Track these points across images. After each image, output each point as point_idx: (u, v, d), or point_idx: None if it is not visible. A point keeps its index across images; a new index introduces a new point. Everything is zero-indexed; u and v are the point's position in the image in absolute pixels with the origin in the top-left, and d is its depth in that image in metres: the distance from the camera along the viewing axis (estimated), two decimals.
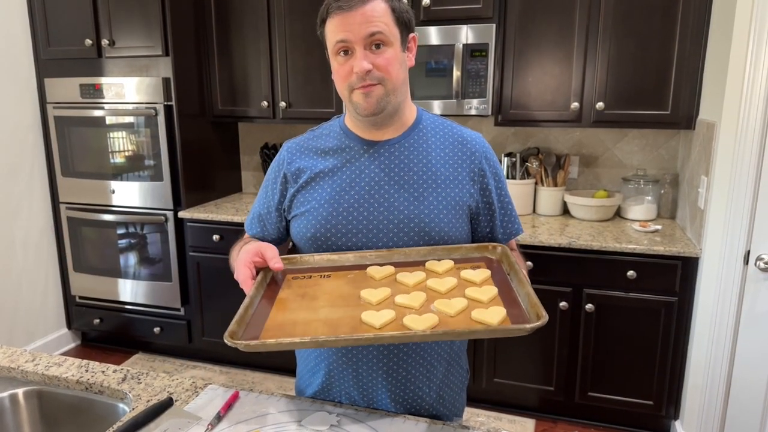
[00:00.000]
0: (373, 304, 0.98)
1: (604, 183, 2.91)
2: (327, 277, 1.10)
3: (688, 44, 2.37)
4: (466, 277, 1.06)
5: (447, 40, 2.57)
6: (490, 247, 1.16)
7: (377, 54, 1.07)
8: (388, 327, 0.91)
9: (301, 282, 1.09)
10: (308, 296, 1.03)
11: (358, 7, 1.05)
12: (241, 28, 2.92)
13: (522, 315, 0.93)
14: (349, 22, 1.05)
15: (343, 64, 1.09)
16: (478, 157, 1.19)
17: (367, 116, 1.12)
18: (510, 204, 1.25)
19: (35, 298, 3.22)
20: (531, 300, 0.94)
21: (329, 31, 1.09)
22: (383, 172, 1.16)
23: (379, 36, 1.06)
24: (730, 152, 2.05)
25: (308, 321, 0.95)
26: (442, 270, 1.09)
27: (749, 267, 2.08)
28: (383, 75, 1.08)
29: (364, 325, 0.92)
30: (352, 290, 1.04)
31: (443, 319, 0.93)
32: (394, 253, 1.12)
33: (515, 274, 1.05)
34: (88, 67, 3.14)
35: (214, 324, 3.04)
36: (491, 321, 0.90)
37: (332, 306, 0.99)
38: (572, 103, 2.54)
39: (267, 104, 2.96)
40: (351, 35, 1.05)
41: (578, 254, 2.37)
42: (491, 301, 0.98)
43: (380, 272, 1.09)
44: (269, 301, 1.03)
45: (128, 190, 3.04)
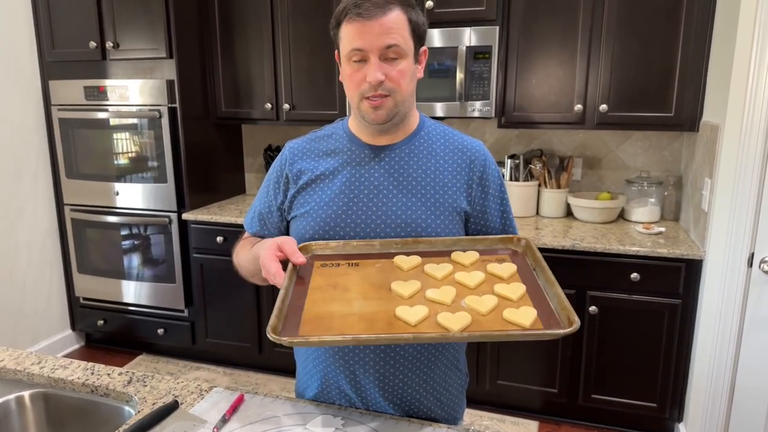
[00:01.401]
0: (405, 298, 0.99)
1: (608, 185, 2.91)
2: (355, 265, 1.10)
3: (691, 46, 2.37)
4: (492, 271, 1.07)
5: (450, 43, 2.58)
6: (515, 239, 1.17)
7: (391, 65, 1.08)
8: (422, 324, 0.92)
9: (331, 270, 1.09)
10: (340, 287, 1.04)
11: (377, 17, 1.05)
12: (245, 30, 2.93)
13: (552, 316, 0.94)
14: (367, 31, 1.05)
15: (356, 71, 1.09)
16: (478, 165, 1.20)
17: (375, 126, 1.14)
18: (510, 213, 1.27)
19: (39, 299, 3.23)
20: (561, 303, 0.94)
21: (345, 36, 1.09)
22: (383, 177, 1.17)
23: (395, 49, 1.07)
24: (734, 154, 2.05)
25: (344, 314, 0.95)
26: (468, 262, 1.10)
27: (753, 269, 2.07)
28: (394, 87, 1.09)
29: (399, 320, 0.93)
30: (381, 281, 1.05)
31: (475, 317, 0.93)
32: (419, 242, 1.13)
33: (542, 271, 1.05)
34: (92, 70, 3.15)
35: (218, 325, 3.04)
36: (524, 323, 0.91)
37: (365, 298, 1.00)
38: (575, 105, 2.54)
39: (270, 106, 2.96)
40: (367, 44, 1.06)
41: (581, 256, 2.37)
42: (520, 299, 0.99)
43: (408, 262, 1.09)
44: (302, 291, 1.03)
45: (132, 191, 3.05)
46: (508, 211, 1.26)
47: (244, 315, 2.96)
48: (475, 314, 0.94)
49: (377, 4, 1.05)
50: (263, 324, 2.93)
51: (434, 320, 0.93)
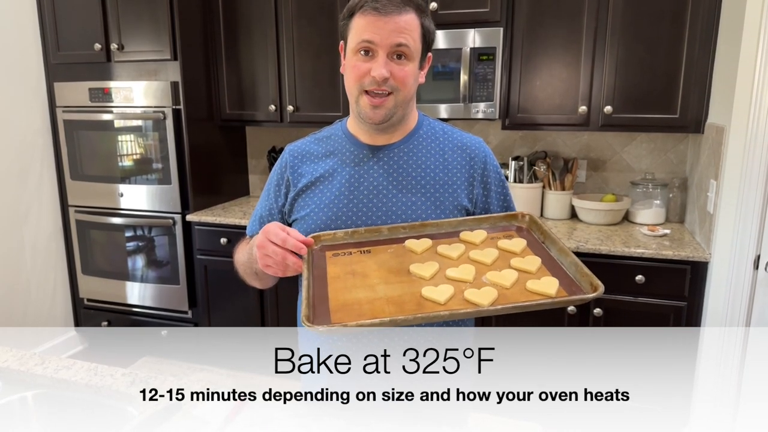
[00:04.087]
0: (427, 279, 0.99)
1: (612, 187, 2.90)
2: (367, 252, 1.10)
3: (696, 48, 2.36)
4: (503, 247, 1.07)
5: (454, 44, 2.57)
6: (519, 216, 1.17)
7: (397, 65, 1.09)
8: (450, 302, 0.93)
9: (345, 259, 1.08)
10: (359, 274, 1.03)
11: (393, 14, 1.06)
12: (249, 32, 2.94)
13: (573, 284, 0.95)
14: (381, 26, 1.06)
15: (361, 62, 1.09)
16: (478, 161, 1.21)
17: (371, 125, 1.14)
18: (512, 206, 1.27)
19: (44, 300, 3.24)
20: (581, 270, 0.95)
21: (356, 27, 1.09)
22: (382, 176, 1.17)
23: (404, 49, 1.08)
24: (739, 156, 2.04)
25: (371, 300, 0.95)
26: (478, 240, 1.10)
27: (759, 272, 2.06)
28: (398, 86, 1.10)
29: (427, 301, 0.94)
30: (398, 265, 1.04)
31: (500, 291, 0.94)
32: (426, 225, 1.13)
33: (553, 243, 1.06)
34: (97, 72, 3.16)
35: (222, 327, 3.04)
36: (550, 291, 0.92)
37: (387, 283, 0.99)
38: (580, 107, 2.53)
39: (274, 108, 2.97)
40: (378, 39, 1.06)
41: (586, 258, 2.36)
42: (538, 270, 0.99)
43: (420, 245, 1.09)
44: (322, 282, 1.02)
45: (136, 193, 3.05)
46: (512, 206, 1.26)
47: (248, 317, 2.96)
48: (499, 288, 0.95)
49: (395, 3, 1.06)
50: (267, 325, 2.93)
51: (462, 298, 0.93)
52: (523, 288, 0.95)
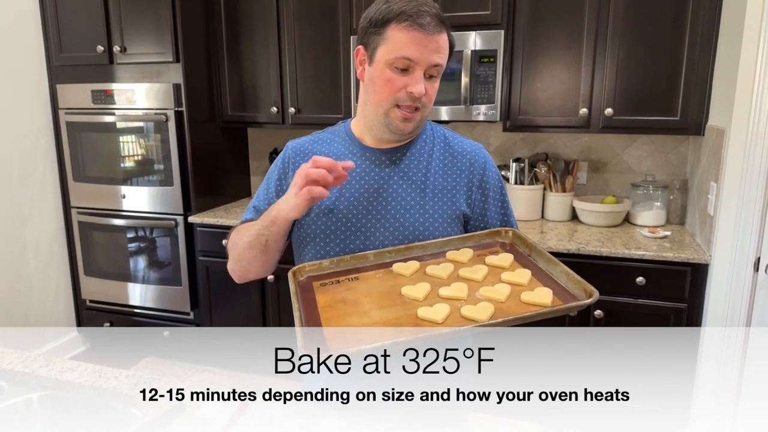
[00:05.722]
0: (421, 300, 0.99)
1: (613, 189, 2.91)
2: (355, 279, 1.09)
3: (697, 50, 2.36)
4: (491, 263, 1.08)
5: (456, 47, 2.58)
6: (502, 232, 1.18)
7: (430, 82, 1.11)
8: (448, 320, 0.92)
9: (333, 288, 1.07)
10: (349, 301, 1.01)
11: (435, 33, 1.07)
12: (251, 34, 2.95)
13: (565, 292, 0.95)
14: (425, 44, 1.06)
15: (397, 77, 1.09)
16: (478, 168, 1.22)
17: (398, 135, 1.16)
18: (511, 215, 1.27)
19: (46, 301, 3.25)
20: (572, 278, 0.96)
21: (395, 39, 1.07)
22: (383, 180, 1.18)
23: (438, 68, 1.11)
24: (739, 158, 2.05)
25: (368, 325, 0.94)
26: (466, 259, 1.10)
27: (759, 274, 2.07)
28: (427, 102, 1.12)
29: (424, 321, 0.93)
30: (389, 289, 1.04)
31: (496, 305, 0.94)
32: (411, 248, 1.13)
33: (540, 255, 1.06)
34: (99, 74, 3.17)
35: (224, 327, 3.05)
36: (545, 301, 0.92)
37: (380, 307, 0.98)
38: (581, 109, 2.54)
39: (276, 110, 2.98)
40: (420, 57, 1.07)
41: (587, 260, 2.37)
42: (530, 282, 1.00)
43: (407, 268, 1.09)
44: (312, 312, 0.99)
45: (139, 195, 3.06)
46: (510, 213, 1.27)
47: (250, 318, 2.97)
48: (495, 303, 0.95)
49: (435, 22, 1.07)
50: (268, 326, 2.93)
51: (459, 315, 0.93)
52: (518, 300, 0.95)
